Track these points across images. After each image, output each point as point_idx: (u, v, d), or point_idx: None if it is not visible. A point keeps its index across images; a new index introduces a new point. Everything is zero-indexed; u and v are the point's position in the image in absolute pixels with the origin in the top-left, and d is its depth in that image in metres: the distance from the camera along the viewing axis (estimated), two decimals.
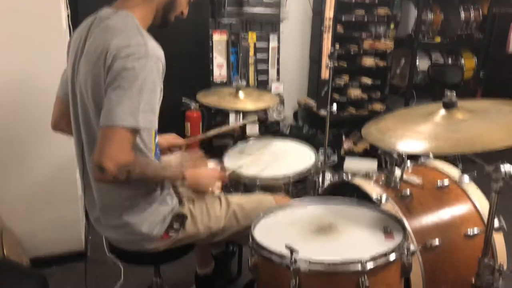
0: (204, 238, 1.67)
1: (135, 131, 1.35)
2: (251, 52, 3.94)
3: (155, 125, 1.40)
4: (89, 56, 1.42)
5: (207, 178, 1.66)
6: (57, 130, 1.73)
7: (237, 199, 1.75)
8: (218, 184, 1.75)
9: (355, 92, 4.06)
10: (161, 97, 1.49)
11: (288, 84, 4.15)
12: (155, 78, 1.37)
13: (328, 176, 2.77)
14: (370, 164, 3.75)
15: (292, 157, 2.19)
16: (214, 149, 3.78)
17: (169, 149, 1.97)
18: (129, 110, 1.31)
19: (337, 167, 3.88)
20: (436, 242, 1.56)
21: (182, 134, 3.64)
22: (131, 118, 1.31)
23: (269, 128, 4.08)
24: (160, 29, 1.56)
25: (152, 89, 1.36)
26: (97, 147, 1.33)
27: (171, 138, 1.99)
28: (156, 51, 1.38)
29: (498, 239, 1.66)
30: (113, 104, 1.32)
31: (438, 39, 4.25)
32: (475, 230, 1.62)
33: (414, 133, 1.44)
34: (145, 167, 1.40)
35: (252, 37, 3.91)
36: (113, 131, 1.31)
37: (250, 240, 1.41)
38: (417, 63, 4.21)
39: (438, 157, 1.95)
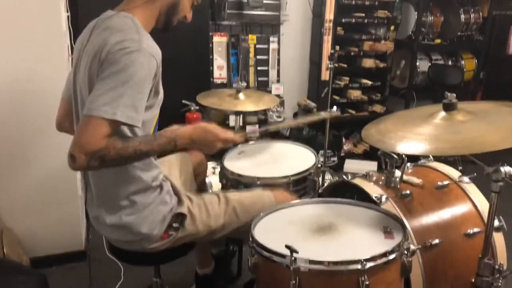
0: (204, 236, 1.67)
1: (113, 123, 1.30)
2: (251, 54, 3.94)
3: (136, 122, 1.35)
4: (88, 55, 1.43)
5: (211, 134, 1.55)
6: (61, 130, 1.73)
7: (236, 195, 1.74)
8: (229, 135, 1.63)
9: (355, 94, 4.07)
10: (161, 98, 1.49)
11: (288, 86, 4.15)
12: (144, 74, 1.35)
13: (328, 177, 2.78)
14: (370, 166, 3.76)
15: (292, 158, 2.19)
16: None
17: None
18: (109, 101, 1.29)
19: (337, 169, 3.89)
20: (436, 241, 1.56)
21: None
22: (109, 110, 1.28)
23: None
24: (163, 32, 1.57)
25: (138, 84, 1.33)
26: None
27: None
28: (150, 48, 1.38)
29: (498, 239, 1.66)
30: (96, 94, 1.31)
31: (438, 41, 4.26)
32: (475, 230, 1.62)
33: (414, 135, 1.44)
34: (122, 149, 1.33)
35: (252, 39, 3.92)
36: (89, 120, 1.29)
37: (250, 239, 1.41)
38: (417, 64, 4.22)
39: (438, 158, 1.96)
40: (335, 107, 2.57)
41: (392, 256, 1.29)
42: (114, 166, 1.41)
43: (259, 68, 4.00)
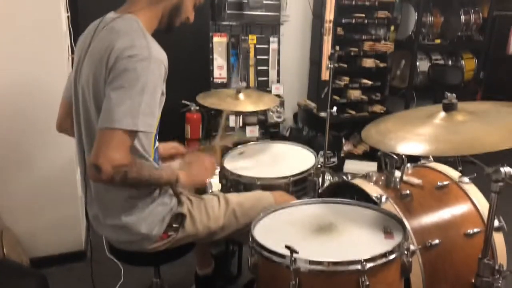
0: (204, 237, 1.67)
1: (133, 133, 1.35)
2: (251, 54, 3.94)
3: (154, 129, 1.40)
4: (93, 57, 1.43)
5: (200, 172, 1.63)
6: (61, 131, 1.73)
7: (236, 197, 1.75)
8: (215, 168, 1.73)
9: (355, 94, 4.06)
10: (163, 101, 1.50)
11: (288, 86, 4.15)
12: (156, 81, 1.37)
13: (328, 177, 2.78)
14: (370, 166, 3.76)
15: (292, 158, 2.19)
16: None
17: (171, 157, 1.96)
18: (129, 112, 1.31)
19: (337, 169, 3.89)
20: (436, 241, 1.56)
21: (182, 136, 3.65)
22: (130, 120, 1.31)
23: (269, 130, 4.09)
24: (166, 33, 1.57)
25: (152, 92, 1.36)
26: (94, 147, 1.33)
27: (172, 147, 1.96)
28: (159, 54, 1.39)
29: (498, 239, 1.66)
30: (112, 104, 1.32)
31: (438, 41, 4.26)
32: (475, 230, 1.62)
33: (414, 135, 1.44)
34: (141, 170, 1.40)
35: (252, 39, 3.92)
36: (111, 133, 1.31)
37: (250, 239, 1.41)
38: (417, 64, 4.22)
39: (438, 159, 1.95)
40: (334, 108, 2.57)
41: (392, 256, 1.29)
42: (128, 186, 1.45)
43: (259, 68, 4.00)
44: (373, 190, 1.70)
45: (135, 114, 1.32)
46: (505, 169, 1.27)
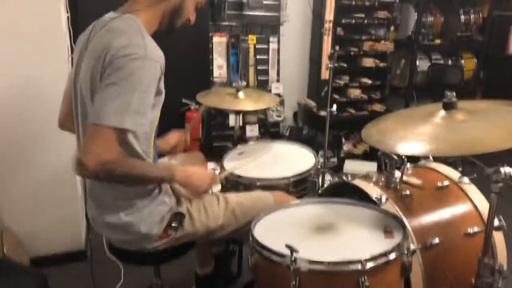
0: (203, 236, 1.67)
1: (122, 131, 1.34)
2: (251, 54, 3.94)
3: (144, 128, 1.39)
4: (90, 55, 1.43)
5: (198, 178, 1.57)
6: (63, 129, 1.73)
7: (235, 197, 1.75)
8: (217, 186, 1.72)
9: (355, 93, 4.07)
10: (162, 100, 1.49)
11: (288, 85, 4.15)
12: (149, 80, 1.36)
13: (328, 177, 2.78)
14: (370, 166, 3.76)
15: (292, 159, 2.19)
16: (214, 151, 3.79)
17: (171, 152, 1.96)
18: (118, 109, 1.31)
19: (337, 169, 3.89)
20: (436, 241, 1.56)
21: None
22: (118, 118, 1.31)
23: (269, 130, 4.09)
24: (167, 35, 1.57)
25: (145, 91, 1.35)
26: (82, 143, 1.34)
27: (174, 139, 1.95)
28: (155, 54, 1.39)
29: (498, 238, 1.66)
30: (103, 101, 1.32)
31: (438, 41, 4.26)
32: (475, 229, 1.62)
33: (414, 135, 1.44)
34: (131, 167, 1.38)
35: (252, 39, 3.92)
36: (99, 129, 1.31)
37: (250, 239, 1.41)
38: (417, 63, 4.22)
39: (438, 159, 1.95)
40: (334, 106, 2.57)
41: (392, 256, 1.29)
42: (116, 182, 1.44)
43: (259, 67, 4.00)
44: (373, 191, 1.70)
45: (124, 112, 1.31)
46: (505, 170, 1.27)
